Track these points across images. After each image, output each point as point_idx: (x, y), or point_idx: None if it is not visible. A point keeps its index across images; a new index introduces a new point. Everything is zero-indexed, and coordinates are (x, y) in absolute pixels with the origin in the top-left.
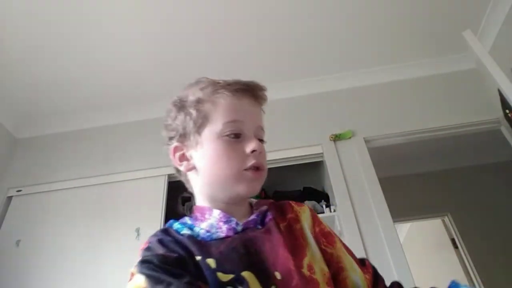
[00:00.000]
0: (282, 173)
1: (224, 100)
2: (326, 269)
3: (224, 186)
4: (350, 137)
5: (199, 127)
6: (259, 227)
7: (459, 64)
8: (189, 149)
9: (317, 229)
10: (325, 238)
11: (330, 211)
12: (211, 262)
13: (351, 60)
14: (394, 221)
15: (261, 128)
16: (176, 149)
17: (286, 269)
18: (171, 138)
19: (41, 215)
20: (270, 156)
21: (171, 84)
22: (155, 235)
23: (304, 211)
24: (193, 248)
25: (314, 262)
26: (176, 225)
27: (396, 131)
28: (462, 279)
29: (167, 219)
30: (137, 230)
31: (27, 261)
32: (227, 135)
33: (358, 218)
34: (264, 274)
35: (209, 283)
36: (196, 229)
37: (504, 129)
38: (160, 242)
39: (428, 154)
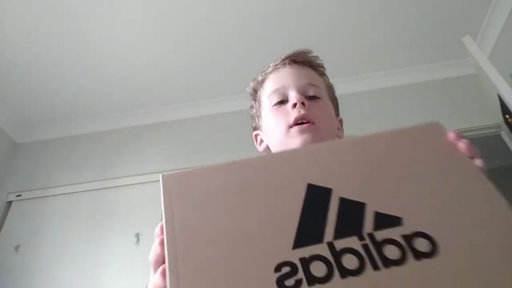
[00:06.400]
0: None
1: (268, 80)
2: None
3: (283, 149)
4: None
5: (259, 112)
6: None
7: (459, 70)
8: (261, 133)
9: None
10: None
11: None
12: None
13: (350, 66)
14: None
15: (310, 85)
16: (255, 137)
17: None
18: (253, 128)
19: (41, 220)
20: None
21: (170, 90)
22: None
23: None
24: None
25: None
26: None
27: None
28: None
29: None
30: (137, 235)
31: (26, 267)
32: (273, 105)
33: None
34: None
35: None
36: None
37: (504, 134)
38: None
39: None
